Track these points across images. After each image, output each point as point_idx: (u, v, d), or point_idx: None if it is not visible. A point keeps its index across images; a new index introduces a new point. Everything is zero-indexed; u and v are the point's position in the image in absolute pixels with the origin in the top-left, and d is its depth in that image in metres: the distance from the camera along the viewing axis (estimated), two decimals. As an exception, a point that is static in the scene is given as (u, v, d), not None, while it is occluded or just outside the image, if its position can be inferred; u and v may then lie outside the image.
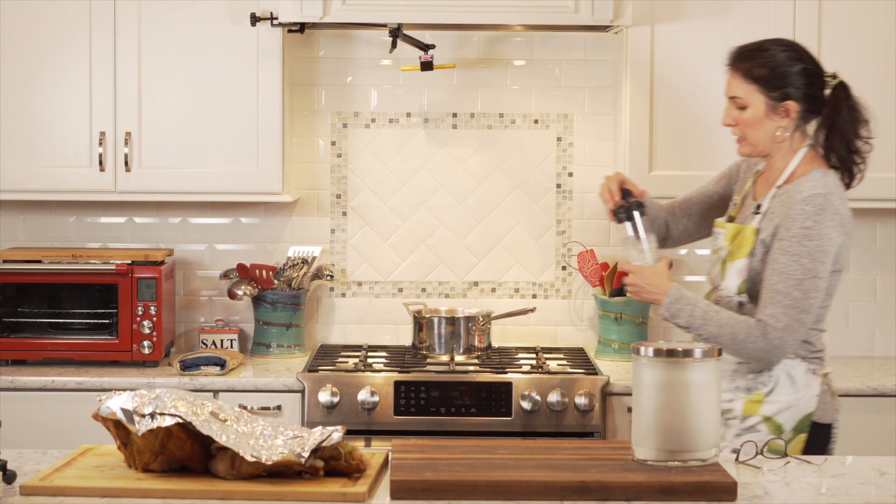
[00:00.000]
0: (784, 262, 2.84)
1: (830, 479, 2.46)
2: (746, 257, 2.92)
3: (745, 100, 2.96)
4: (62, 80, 4.04)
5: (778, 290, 2.84)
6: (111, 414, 2.36)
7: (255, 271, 4.27)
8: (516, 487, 2.28)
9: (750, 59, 2.97)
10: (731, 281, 2.96)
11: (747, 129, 2.98)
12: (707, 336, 2.89)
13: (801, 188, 2.89)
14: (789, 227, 2.85)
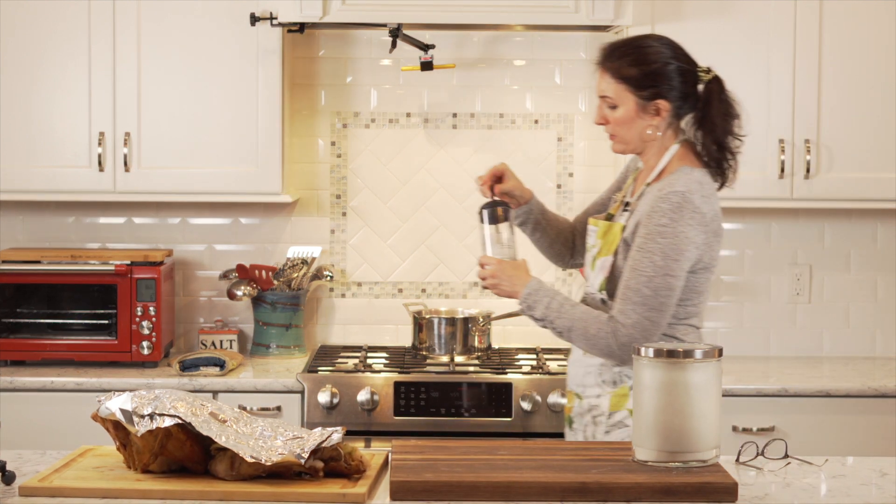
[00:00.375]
0: (637, 259, 2.80)
1: (831, 479, 2.46)
2: (612, 255, 2.89)
3: (614, 99, 2.90)
4: (61, 80, 4.03)
5: (630, 287, 2.80)
6: (110, 415, 2.35)
7: (254, 272, 4.26)
8: (516, 488, 2.27)
9: (619, 57, 2.90)
10: (595, 278, 2.92)
11: (618, 127, 2.92)
12: (561, 329, 2.86)
13: (662, 186, 2.85)
14: (646, 224, 2.81)
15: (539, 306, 2.88)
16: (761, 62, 4.03)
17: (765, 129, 4.04)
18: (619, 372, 2.89)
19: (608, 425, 2.90)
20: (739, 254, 4.41)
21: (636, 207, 2.90)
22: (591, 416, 2.91)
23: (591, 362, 2.91)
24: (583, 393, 2.93)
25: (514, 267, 2.95)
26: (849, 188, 4.06)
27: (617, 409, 2.89)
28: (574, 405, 2.97)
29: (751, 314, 4.42)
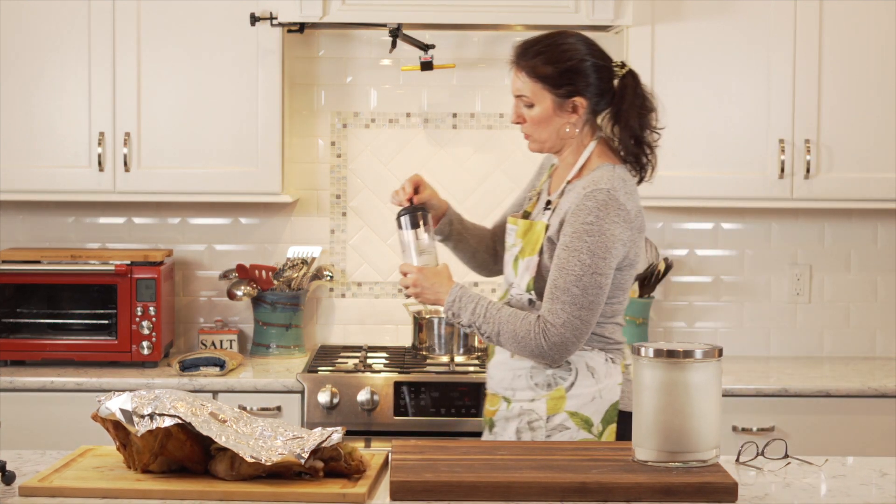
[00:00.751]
0: (565, 258, 2.77)
1: (831, 479, 2.46)
2: (536, 254, 2.86)
3: (531, 98, 2.88)
4: (61, 80, 4.03)
5: (558, 287, 2.77)
6: (110, 415, 2.35)
7: (254, 272, 4.26)
8: (516, 488, 2.27)
9: (535, 56, 2.86)
10: (521, 278, 2.88)
11: (535, 126, 2.90)
12: (489, 334, 2.82)
13: (586, 183, 2.83)
14: (572, 223, 2.78)
15: (465, 313, 2.83)
16: (761, 62, 4.03)
17: (765, 129, 4.04)
18: (553, 374, 2.85)
19: (548, 429, 2.84)
20: (739, 254, 4.41)
21: (558, 205, 2.87)
22: (526, 422, 2.86)
23: (520, 365, 2.87)
24: (512, 396, 2.88)
25: (435, 274, 2.90)
26: (849, 188, 4.06)
27: (555, 412, 2.84)
28: (500, 408, 2.92)
29: (751, 314, 4.42)
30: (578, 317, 2.75)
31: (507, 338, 2.80)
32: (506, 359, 2.90)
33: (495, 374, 2.94)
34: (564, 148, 2.93)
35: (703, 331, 4.42)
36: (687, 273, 4.42)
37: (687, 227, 4.41)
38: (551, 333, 2.75)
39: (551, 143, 2.92)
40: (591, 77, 2.88)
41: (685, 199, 4.10)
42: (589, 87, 2.87)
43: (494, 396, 2.94)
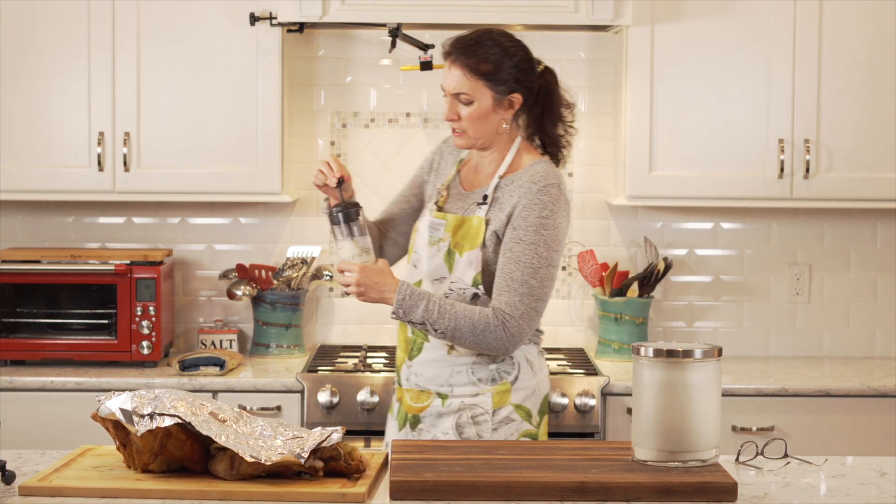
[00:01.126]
0: (520, 251, 2.82)
1: (831, 479, 2.46)
2: (479, 248, 2.88)
3: (471, 95, 2.89)
4: (61, 80, 4.03)
5: (515, 279, 2.81)
6: (110, 414, 2.35)
7: (254, 271, 4.26)
8: (516, 488, 2.27)
9: (475, 53, 2.88)
10: (463, 273, 2.90)
11: (472, 123, 2.90)
12: (444, 330, 2.82)
13: (534, 178, 2.87)
14: (525, 217, 2.83)
15: (416, 310, 2.82)
16: (761, 62, 4.03)
17: (764, 128, 4.04)
18: (496, 369, 2.90)
19: (495, 423, 2.90)
20: (739, 254, 4.42)
21: (496, 200, 2.90)
22: (469, 416, 2.90)
23: (460, 361, 2.90)
24: (450, 392, 2.91)
25: (378, 272, 2.85)
26: (848, 188, 4.06)
27: (501, 405, 2.90)
28: (431, 404, 2.93)
29: (750, 314, 4.43)
30: (535, 308, 2.83)
31: (465, 332, 2.82)
32: (441, 355, 2.92)
33: (424, 371, 2.95)
34: (494, 143, 2.94)
35: (702, 331, 4.42)
36: (686, 273, 4.42)
37: (686, 227, 4.41)
38: (511, 325, 2.81)
39: (485, 140, 2.95)
40: (526, 74, 2.93)
41: (685, 199, 4.10)
42: (523, 83, 2.93)
43: (422, 393, 2.95)
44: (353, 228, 2.86)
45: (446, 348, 2.91)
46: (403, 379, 2.99)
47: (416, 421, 2.96)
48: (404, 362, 2.98)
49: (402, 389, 3.00)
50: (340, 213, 2.87)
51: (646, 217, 4.39)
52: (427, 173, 3.11)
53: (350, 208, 2.86)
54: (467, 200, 2.96)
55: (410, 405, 2.97)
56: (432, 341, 2.93)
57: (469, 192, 2.98)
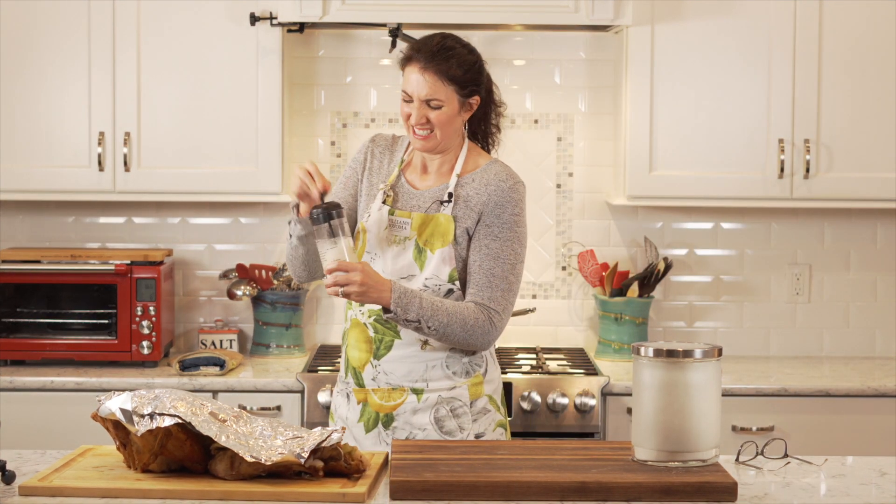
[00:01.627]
0: (497, 248, 2.89)
1: (831, 479, 2.46)
2: (450, 245, 2.90)
3: (443, 101, 2.91)
4: (61, 80, 4.03)
5: (495, 275, 2.87)
6: (110, 414, 2.35)
7: (254, 271, 4.26)
8: (516, 488, 2.27)
9: (446, 59, 2.90)
10: (437, 269, 2.91)
11: (441, 127, 2.92)
12: (436, 327, 2.83)
13: (500, 176, 2.93)
14: (499, 214, 2.90)
15: (412, 308, 2.82)
16: (761, 62, 4.03)
17: (764, 128, 4.04)
18: (469, 362, 2.94)
19: (474, 413, 2.93)
20: (739, 254, 4.42)
21: (459, 198, 2.92)
22: (448, 409, 2.92)
23: (433, 356, 2.91)
24: (425, 387, 2.92)
25: (375, 272, 2.83)
26: (848, 188, 4.06)
27: (477, 397, 2.94)
28: (406, 401, 2.93)
29: (750, 314, 4.43)
30: (512, 303, 2.92)
31: (456, 328, 2.85)
32: (414, 351, 2.92)
33: (396, 368, 2.93)
34: (452, 145, 2.99)
35: (702, 330, 4.42)
36: (687, 273, 4.42)
37: (686, 227, 4.41)
38: (496, 320, 2.87)
39: (448, 142, 2.97)
40: (482, 76, 2.99)
41: (685, 199, 4.10)
42: (480, 85, 2.98)
43: (394, 391, 2.94)
44: (338, 229, 2.80)
45: (420, 344, 2.92)
46: (368, 379, 2.96)
47: (388, 420, 2.95)
48: (367, 363, 2.96)
49: (366, 391, 2.97)
50: (322, 213, 2.79)
51: (646, 217, 4.39)
52: (360, 173, 3.08)
53: (332, 209, 2.80)
54: (422, 199, 2.97)
55: (381, 404, 2.95)
56: (404, 338, 2.92)
57: (421, 190, 2.98)
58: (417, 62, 2.91)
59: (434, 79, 2.89)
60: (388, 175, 3.03)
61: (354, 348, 2.98)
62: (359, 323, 2.97)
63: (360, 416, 2.98)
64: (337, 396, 3.07)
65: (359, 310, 2.97)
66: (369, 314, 2.95)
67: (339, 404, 3.05)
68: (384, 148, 3.07)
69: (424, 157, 3.00)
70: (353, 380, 2.99)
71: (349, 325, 3.00)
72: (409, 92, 2.91)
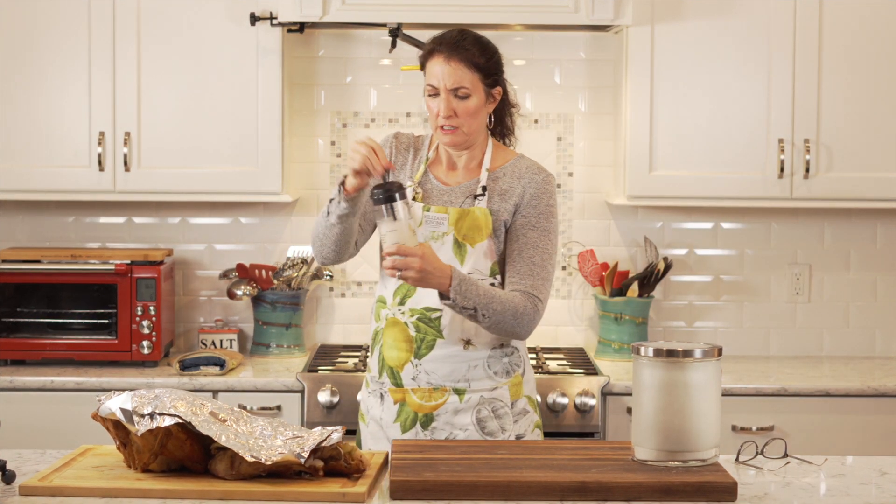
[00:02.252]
0: (536, 237, 2.90)
1: (831, 479, 2.46)
2: (489, 238, 2.91)
3: (470, 89, 2.89)
4: (62, 80, 4.03)
5: (536, 264, 2.89)
6: (110, 414, 2.35)
7: (254, 271, 4.26)
8: (516, 488, 2.27)
9: (469, 47, 2.89)
10: (478, 263, 2.90)
11: (468, 119, 2.89)
12: (490, 315, 2.80)
13: (531, 169, 2.95)
14: (536, 206, 2.92)
15: (470, 295, 2.78)
16: (761, 62, 4.03)
17: (764, 128, 4.04)
18: (509, 362, 2.94)
19: (514, 414, 2.93)
20: (739, 253, 4.42)
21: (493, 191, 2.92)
22: (490, 410, 2.91)
23: (476, 355, 2.91)
24: (467, 387, 2.91)
25: (435, 257, 2.77)
26: (848, 188, 4.06)
27: (517, 397, 2.94)
28: (447, 401, 2.91)
29: (750, 314, 4.43)
30: (549, 291, 2.94)
31: (508, 316, 2.83)
32: (457, 351, 2.91)
33: (438, 368, 2.91)
34: (478, 139, 2.98)
35: (702, 330, 4.42)
36: (686, 273, 4.42)
37: (686, 227, 4.41)
38: (540, 308, 2.89)
39: (474, 137, 2.97)
40: (502, 68, 2.98)
41: (685, 199, 4.10)
42: (501, 77, 2.97)
43: (435, 391, 2.92)
44: (400, 211, 2.71)
45: (462, 343, 2.90)
46: (408, 379, 2.94)
47: (427, 420, 2.93)
48: (407, 362, 2.94)
49: (404, 390, 2.95)
50: (384, 193, 2.68)
51: (646, 217, 4.39)
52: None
53: (396, 189, 2.69)
54: (453, 195, 2.96)
55: (420, 404, 2.93)
56: (447, 337, 2.90)
57: (451, 186, 2.98)
58: (441, 53, 2.89)
59: (460, 66, 2.87)
60: (413, 173, 3.01)
61: (392, 348, 2.95)
62: (398, 322, 2.94)
63: (396, 417, 2.95)
64: (369, 397, 3.03)
65: (398, 308, 2.93)
66: (411, 313, 2.92)
67: (371, 405, 3.01)
68: (407, 145, 3.05)
69: (451, 153, 2.99)
70: (390, 379, 2.96)
71: (384, 325, 2.97)
72: (434, 84, 2.89)
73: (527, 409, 2.96)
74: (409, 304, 2.92)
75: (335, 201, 2.85)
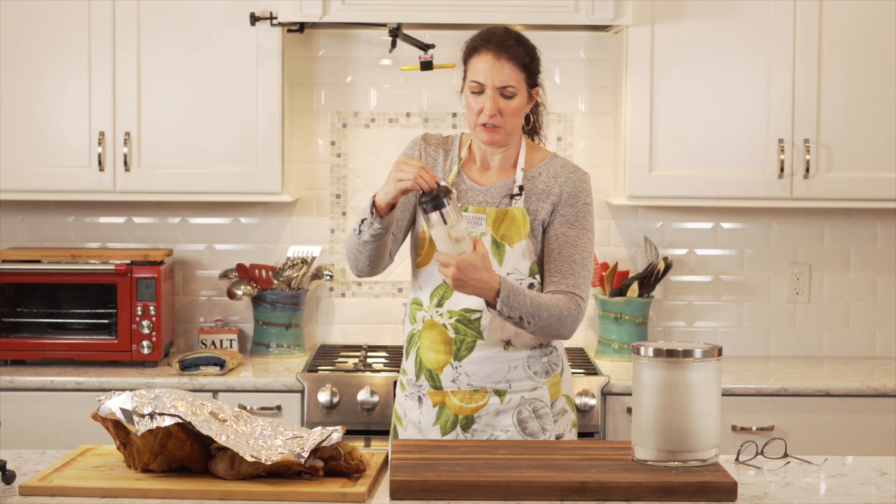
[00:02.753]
0: (575, 236, 2.89)
1: (831, 479, 2.46)
2: (528, 238, 2.89)
3: (516, 88, 2.87)
4: (62, 80, 4.03)
5: (576, 262, 2.88)
6: (110, 414, 2.36)
7: (254, 271, 4.26)
8: (516, 488, 2.27)
9: (516, 45, 2.87)
10: (517, 264, 2.88)
11: (511, 118, 2.88)
12: (535, 321, 2.78)
13: (567, 168, 2.94)
14: (573, 204, 2.91)
15: (517, 305, 2.76)
16: (761, 62, 4.03)
17: (764, 128, 4.04)
18: (548, 361, 2.93)
19: (554, 414, 2.92)
20: (739, 253, 4.42)
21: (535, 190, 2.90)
22: (531, 410, 2.90)
23: (516, 356, 2.89)
24: (508, 388, 2.89)
25: (474, 268, 2.72)
26: (848, 188, 4.06)
27: (556, 397, 2.93)
28: (488, 402, 2.89)
29: (750, 314, 4.43)
30: (590, 288, 2.92)
31: (553, 321, 2.82)
32: (497, 352, 2.89)
33: (479, 369, 2.89)
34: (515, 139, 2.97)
35: (702, 330, 4.42)
36: (686, 272, 4.42)
37: (686, 227, 4.41)
38: (583, 307, 2.88)
39: (512, 136, 2.95)
40: (540, 69, 2.96)
41: (685, 199, 4.10)
42: (539, 77, 2.95)
43: (476, 392, 2.90)
44: (445, 217, 2.68)
45: (503, 344, 2.88)
46: (447, 381, 2.90)
47: (468, 422, 2.90)
48: (447, 364, 2.90)
49: (444, 393, 2.91)
50: (430, 202, 2.67)
51: (646, 217, 4.39)
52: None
53: (440, 196, 2.67)
54: (488, 195, 2.93)
55: (461, 406, 2.90)
56: (487, 338, 2.88)
57: (486, 187, 2.95)
58: (489, 51, 2.86)
59: (510, 65, 2.85)
60: (446, 173, 2.99)
61: (430, 350, 2.91)
62: (436, 324, 2.91)
63: (436, 419, 2.92)
64: (406, 400, 2.98)
65: (435, 310, 2.90)
66: (449, 315, 2.89)
67: (408, 408, 2.97)
68: (436, 147, 3.02)
69: (485, 152, 2.96)
70: (429, 382, 2.92)
71: (421, 327, 2.93)
72: (481, 81, 2.85)
73: (565, 409, 2.94)
74: (447, 306, 2.89)
75: (367, 222, 2.81)
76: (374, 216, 2.79)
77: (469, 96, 2.89)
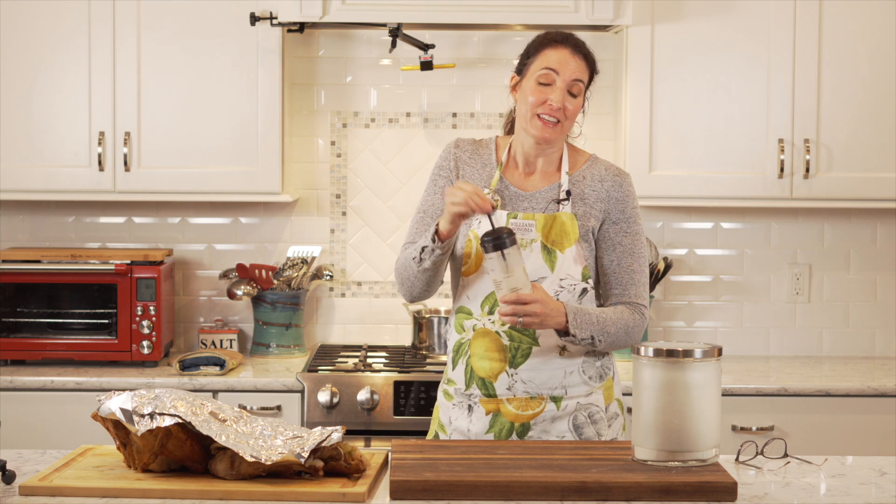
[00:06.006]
0: (630, 243, 2.89)
1: (831, 479, 2.46)
2: (577, 243, 2.87)
3: (582, 87, 2.88)
4: (61, 80, 4.03)
5: (635, 270, 2.89)
6: (110, 414, 2.36)
7: (254, 271, 4.26)
8: (516, 488, 2.27)
9: (587, 50, 2.89)
10: (570, 269, 2.85)
11: (571, 117, 2.88)
12: (605, 338, 2.81)
13: (610, 171, 2.92)
14: (623, 209, 2.90)
15: (586, 327, 2.79)
16: (761, 62, 4.03)
17: (764, 128, 4.04)
18: (601, 365, 2.91)
19: (608, 419, 2.91)
20: (739, 253, 4.42)
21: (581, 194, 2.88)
22: (587, 415, 2.88)
23: (571, 362, 2.87)
24: (564, 394, 2.87)
25: (549, 298, 2.75)
26: (848, 188, 4.06)
27: (610, 401, 2.92)
28: (545, 409, 2.86)
29: (750, 314, 4.43)
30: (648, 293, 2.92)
31: (621, 335, 2.84)
32: (553, 357, 2.86)
33: (535, 376, 2.85)
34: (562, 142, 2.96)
35: (702, 330, 4.43)
36: (686, 272, 4.42)
37: (686, 227, 4.41)
38: (646, 314, 2.90)
39: (563, 138, 2.93)
40: None
41: (685, 199, 4.10)
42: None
43: (532, 399, 2.86)
44: (511, 257, 2.68)
45: (558, 350, 2.86)
46: (503, 388, 2.86)
47: (524, 429, 2.87)
48: (502, 371, 2.86)
49: (498, 400, 2.87)
50: (493, 242, 2.66)
51: (646, 217, 4.39)
52: (454, 181, 2.95)
53: (506, 236, 2.66)
54: (534, 200, 2.90)
55: (517, 414, 2.87)
56: (542, 344, 2.85)
57: (531, 192, 2.91)
58: (565, 46, 2.86)
59: (584, 64, 2.86)
60: (486, 179, 2.94)
61: (483, 358, 2.87)
62: (488, 332, 2.87)
63: (489, 427, 2.88)
64: (453, 409, 2.94)
65: (487, 318, 2.86)
66: (502, 322, 2.84)
67: (456, 416, 2.93)
68: (471, 152, 2.97)
69: (529, 155, 2.92)
70: (481, 391, 2.88)
71: (472, 335, 2.89)
72: (556, 69, 2.83)
73: (617, 413, 2.93)
74: (496, 314, 2.84)
75: (428, 249, 2.80)
76: (436, 243, 2.79)
77: (534, 87, 2.84)
